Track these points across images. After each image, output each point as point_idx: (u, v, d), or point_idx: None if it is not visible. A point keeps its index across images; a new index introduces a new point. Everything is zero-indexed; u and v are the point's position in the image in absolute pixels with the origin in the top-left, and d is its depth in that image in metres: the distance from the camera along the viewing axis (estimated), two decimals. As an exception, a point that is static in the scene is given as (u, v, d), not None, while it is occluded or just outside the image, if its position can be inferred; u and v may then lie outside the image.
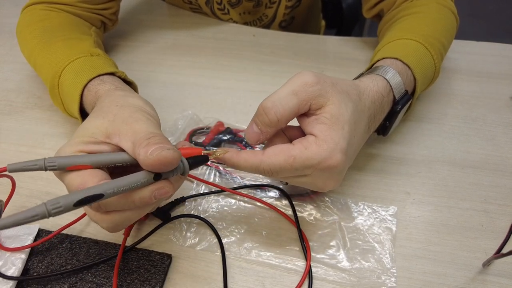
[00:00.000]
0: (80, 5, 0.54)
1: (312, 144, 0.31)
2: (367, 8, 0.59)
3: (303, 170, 0.32)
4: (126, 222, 0.31)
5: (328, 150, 0.31)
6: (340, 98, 0.33)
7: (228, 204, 0.43)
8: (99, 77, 0.42)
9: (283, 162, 0.31)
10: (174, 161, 0.28)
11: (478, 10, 2.07)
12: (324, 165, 0.31)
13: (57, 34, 0.49)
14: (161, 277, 0.36)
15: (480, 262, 0.37)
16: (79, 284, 0.36)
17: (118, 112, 0.32)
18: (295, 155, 0.31)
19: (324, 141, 0.31)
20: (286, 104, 0.32)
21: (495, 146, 0.48)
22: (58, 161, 0.28)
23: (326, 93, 0.32)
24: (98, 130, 0.31)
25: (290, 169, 0.31)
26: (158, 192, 0.29)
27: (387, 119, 0.42)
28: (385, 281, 0.36)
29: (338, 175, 0.34)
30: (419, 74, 0.43)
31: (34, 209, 0.24)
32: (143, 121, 0.31)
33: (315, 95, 0.32)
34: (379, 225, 0.40)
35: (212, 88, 0.57)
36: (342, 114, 0.32)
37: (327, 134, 0.31)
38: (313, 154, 0.31)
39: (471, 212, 0.42)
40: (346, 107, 0.33)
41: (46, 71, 0.46)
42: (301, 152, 0.31)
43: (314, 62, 0.61)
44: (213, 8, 0.69)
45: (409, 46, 0.45)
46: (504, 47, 0.63)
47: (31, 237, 0.39)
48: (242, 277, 0.37)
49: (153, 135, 0.29)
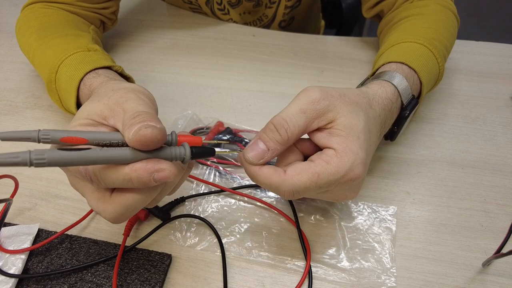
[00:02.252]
0: (80, 4, 0.54)
1: (333, 158, 0.30)
2: (367, 8, 0.59)
3: (328, 187, 0.31)
4: (130, 211, 0.29)
5: (349, 161, 0.30)
6: (351, 109, 0.32)
7: (228, 204, 0.43)
8: (94, 71, 0.42)
9: (307, 180, 0.30)
10: (154, 138, 0.26)
11: (478, 10, 2.07)
12: (347, 178, 0.30)
13: (55, 30, 0.49)
14: (161, 277, 0.36)
15: (480, 262, 0.37)
16: (79, 284, 0.36)
17: (112, 95, 0.31)
18: (319, 172, 0.30)
19: (345, 153, 0.30)
20: (296, 122, 0.31)
21: (495, 146, 0.48)
22: (53, 134, 0.26)
23: (335, 107, 0.31)
24: (93, 112, 0.30)
25: (315, 187, 0.30)
26: (157, 175, 0.27)
27: (396, 125, 0.41)
28: (385, 281, 0.36)
29: (358, 186, 0.33)
30: (425, 78, 0.43)
31: (18, 153, 0.23)
32: (133, 99, 0.30)
33: (323, 111, 0.31)
34: (379, 225, 0.40)
35: (212, 88, 0.57)
36: (356, 124, 0.31)
37: (345, 146, 0.30)
38: (337, 168, 0.30)
39: (471, 212, 0.42)
40: (358, 117, 0.32)
41: (44, 67, 0.46)
42: (324, 168, 0.30)
43: (313, 62, 0.61)
44: (213, 8, 0.69)
45: (414, 50, 0.45)
46: (504, 47, 0.63)
47: (31, 237, 0.39)
48: (242, 277, 0.37)
49: (138, 114, 0.28)
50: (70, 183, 0.31)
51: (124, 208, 0.28)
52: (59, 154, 0.25)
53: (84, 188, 0.30)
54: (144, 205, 0.30)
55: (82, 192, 0.30)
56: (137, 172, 0.26)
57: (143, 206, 0.30)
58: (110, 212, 0.28)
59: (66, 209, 0.42)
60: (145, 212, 0.41)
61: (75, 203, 0.43)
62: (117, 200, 0.28)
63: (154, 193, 0.30)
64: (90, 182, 0.28)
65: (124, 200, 0.28)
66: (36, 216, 0.42)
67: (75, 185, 0.31)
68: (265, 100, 0.55)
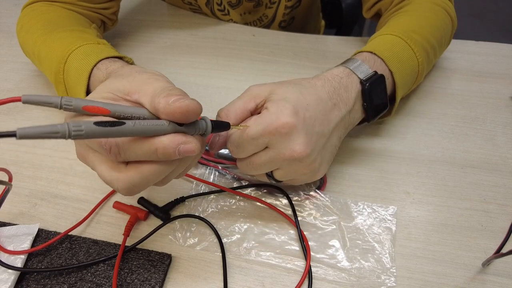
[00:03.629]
0: (81, 3, 0.54)
1: (262, 113, 0.34)
2: (366, 8, 0.59)
3: (259, 138, 0.33)
4: (144, 182, 0.28)
5: (276, 112, 0.33)
6: (279, 85, 0.36)
7: (228, 204, 0.43)
8: (110, 58, 0.42)
9: (241, 133, 0.34)
10: (196, 110, 0.27)
11: (478, 10, 2.07)
12: (275, 125, 0.33)
13: (61, 25, 0.49)
14: (161, 277, 0.36)
15: (479, 262, 0.37)
16: (79, 284, 0.36)
17: (138, 75, 0.31)
18: (251, 124, 0.33)
19: (271, 108, 0.34)
20: (233, 106, 0.36)
21: (495, 146, 0.48)
22: (75, 101, 0.26)
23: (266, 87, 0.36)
24: (116, 88, 0.30)
25: (250, 140, 0.33)
26: (183, 147, 0.27)
27: (364, 101, 0.41)
28: (385, 281, 0.36)
29: (301, 136, 0.34)
30: (395, 66, 0.43)
31: (56, 125, 0.23)
32: (164, 80, 0.30)
33: (255, 94, 0.36)
34: (378, 224, 0.40)
35: (212, 88, 0.57)
36: (283, 92, 0.35)
37: (273, 104, 0.34)
38: (263, 118, 0.33)
39: (471, 212, 0.42)
40: (286, 88, 0.36)
41: (51, 58, 0.46)
42: (255, 120, 0.34)
43: (313, 62, 0.61)
44: (213, 9, 0.69)
45: (385, 40, 0.46)
46: (504, 47, 0.63)
47: (31, 238, 0.39)
48: (242, 277, 0.37)
49: (173, 88, 0.29)
50: (78, 154, 0.30)
51: (140, 178, 0.28)
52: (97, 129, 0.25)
53: (96, 158, 0.29)
54: (159, 179, 0.29)
55: (92, 163, 0.29)
56: (164, 143, 0.26)
57: (157, 180, 0.29)
58: (125, 180, 0.28)
59: (66, 209, 0.42)
60: (145, 212, 0.41)
61: (75, 203, 0.43)
62: (134, 169, 0.28)
63: (170, 168, 0.29)
64: (107, 153, 0.27)
65: (141, 169, 0.28)
66: (36, 216, 0.42)
67: (85, 157, 0.30)
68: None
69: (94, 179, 0.45)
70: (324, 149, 0.37)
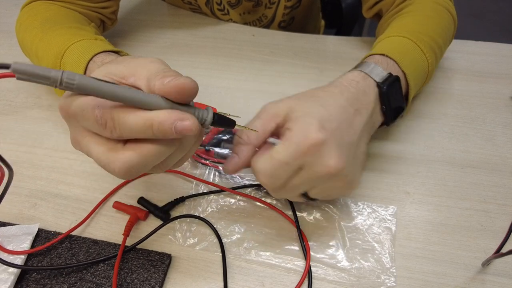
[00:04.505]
0: (80, 2, 0.54)
1: (288, 134, 0.33)
2: (367, 8, 0.59)
3: (293, 162, 0.32)
4: (142, 164, 0.27)
5: (302, 130, 0.32)
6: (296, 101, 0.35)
7: (228, 204, 0.43)
8: (105, 52, 0.42)
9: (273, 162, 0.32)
10: (192, 88, 0.26)
11: (478, 10, 2.07)
12: (306, 144, 0.32)
13: (59, 22, 0.49)
14: (160, 277, 0.36)
15: (479, 262, 0.37)
16: (79, 284, 0.36)
17: (132, 60, 0.30)
18: (280, 151, 0.32)
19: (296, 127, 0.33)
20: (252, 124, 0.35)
21: (495, 145, 0.48)
22: (79, 81, 0.24)
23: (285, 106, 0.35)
24: (111, 72, 0.29)
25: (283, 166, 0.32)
26: (180, 123, 0.26)
27: (383, 104, 0.40)
28: (385, 281, 0.36)
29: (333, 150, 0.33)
30: (407, 67, 0.43)
31: (50, 70, 0.22)
32: (159, 63, 0.30)
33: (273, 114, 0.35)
34: (378, 224, 0.40)
35: (212, 88, 0.57)
36: (303, 108, 0.34)
37: (297, 123, 0.33)
38: (291, 140, 0.32)
39: (471, 212, 0.42)
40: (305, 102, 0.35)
41: (48, 54, 0.46)
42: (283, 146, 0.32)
43: (313, 62, 0.61)
44: (212, 9, 0.69)
45: (394, 41, 0.46)
46: (504, 47, 0.63)
47: (31, 237, 0.39)
48: (242, 277, 0.37)
49: (168, 70, 0.28)
50: (73, 140, 0.29)
51: (138, 158, 0.27)
52: (90, 80, 0.24)
53: (91, 141, 0.28)
54: (158, 161, 0.28)
55: (87, 147, 0.28)
56: (160, 117, 0.25)
57: (156, 162, 0.28)
58: (122, 161, 0.26)
59: (66, 209, 0.42)
60: (145, 212, 0.41)
61: (75, 203, 0.43)
62: (132, 149, 0.27)
63: (170, 149, 0.28)
64: (103, 127, 0.26)
65: (139, 149, 0.27)
66: (36, 216, 0.42)
67: (79, 141, 0.29)
68: (264, 100, 0.54)
69: (94, 179, 0.45)
70: (355, 158, 0.35)
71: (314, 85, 0.56)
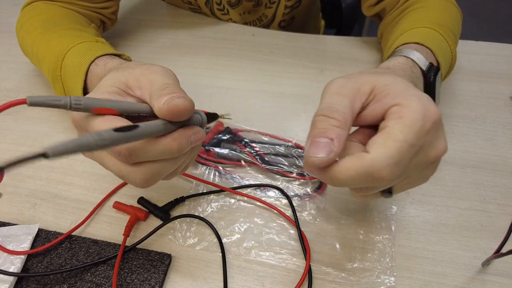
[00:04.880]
0: (80, 3, 0.54)
1: (402, 109, 0.26)
2: (368, 6, 0.59)
3: (419, 140, 0.25)
4: (162, 172, 0.29)
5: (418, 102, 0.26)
6: (379, 75, 0.29)
7: (228, 204, 0.43)
8: (108, 55, 0.42)
9: (397, 144, 0.25)
10: (185, 109, 0.27)
11: (478, 10, 2.07)
12: (429, 119, 0.26)
13: (59, 23, 0.49)
14: (160, 277, 0.36)
15: (479, 262, 0.37)
16: (79, 284, 0.36)
17: (136, 67, 0.31)
18: (401, 130, 0.25)
19: (408, 99, 0.26)
20: (340, 103, 0.27)
21: (495, 145, 0.48)
22: (85, 101, 0.26)
23: (364, 80, 0.28)
24: (118, 80, 0.30)
25: (409, 148, 0.25)
26: (193, 137, 0.29)
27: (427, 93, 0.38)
28: (385, 281, 0.36)
29: (442, 130, 0.28)
30: (441, 56, 0.42)
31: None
32: (159, 72, 0.31)
33: (356, 88, 0.28)
34: (378, 224, 0.40)
35: (212, 88, 0.57)
36: (393, 78, 0.28)
37: (402, 94, 0.27)
38: (413, 114, 0.25)
39: (471, 212, 0.42)
40: (389, 75, 0.29)
41: (49, 56, 0.46)
42: (402, 123, 0.25)
43: (313, 62, 0.61)
44: (212, 9, 0.69)
45: (423, 32, 0.45)
46: (504, 47, 0.63)
47: (31, 237, 0.39)
48: (242, 277, 0.37)
49: (166, 85, 0.29)
50: None
51: (157, 168, 0.29)
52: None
53: (105, 155, 0.29)
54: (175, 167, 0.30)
55: (101, 158, 0.29)
56: (177, 140, 0.28)
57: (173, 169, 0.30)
58: (143, 172, 0.28)
59: (66, 209, 0.42)
60: (145, 212, 0.41)
61: (75, 203, 0.43)
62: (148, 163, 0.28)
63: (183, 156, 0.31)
64: (116, 155, 0.27)
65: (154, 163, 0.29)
66: (36, 216, 0.42)
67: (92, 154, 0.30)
68: (264, 100, 0.55)
69: (94, 179, 0.45)
70: None
71: (314, 85, 0.57)
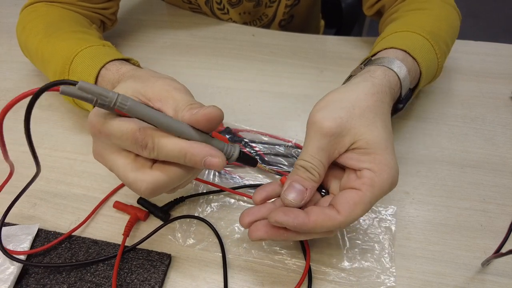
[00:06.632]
0: (80, 3, 0.54)
1: (374, 179, 0.31)
2: (368, 6, 0.59)
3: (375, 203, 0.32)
4: (168, 185, 0.29)
5: (389, 177, 0.31)
6: (366, 122, 0.32)
7: (228, 204, 0.43)
8: (119, 60, 0.42)
9: (363, 211, 0.31)
10: (218, 116, 0.28)
11: (478, 10, 2.07)
12: (389, 191, 0.32)
13: (62, 26, 0.49)
14: (160, 277, 0.36)
15: (479, 262, 0.37)
16: (79, 284, 0.36)
17: (156, 81, 0.32)
18: (370, 198, 0.31)
19: (382, 170, 0.31)
20: (319, 160, 0.32)
21: (494, 145, 0.48)
22: (130, 103, 0.27)
23: (349, 129, 0.32)
24: (138, 92, 0.31)
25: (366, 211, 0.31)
26: (209, 159, 0.28)
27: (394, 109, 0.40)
28: (385, 281, 0.36)
29: None
30: (425, 71, 0.42)
31: (108, 91, 0.26)
32: (182, 91, 0.31)
33: (339, 140, 0.32)
34: (378, 224, 0.40)
35: (212, 88, 0.57)
36: (377, 135, 0.32)
37: (379, 162, 0.31)
38: (381, 188, 0.31)
39: (470, 212, 0.42)
40: (376, 126, 0.33)
41: (56, 58, 0.46)
42: (372, 192, 0.31)
43: (313, 62, 0.61)
44: (212, 8, 0.69)
45: (416, 40, 0.44)
46: (504, 47, 0.63)
47: (30, 237, 0.39)
48: (242, 277, 0.37)
49: (193, 102, 0.30)
50: (95, 152, 0.31)
51: (165, 179, 0.29)
52: (141, 107, 0.27)
53: (118, 158, 0.29)
54: (179, 183, 0.31)
55: (111, 162, 0.30)
56: (195, 149, 0.28)
57: (177, 184, 0.31)
58: (149, 181, 0.28)
59: (66, 209, 0.42)
60: (145, 212, 0.41)
61: (75, 203, 0.43)
62: (160, 169, 0.29)
63: (190, 174, 0.31)
64: (142, 148, 0.28)
65: (168, 170, 0.29)
66: (35, 216, 0.42)
67: (103, 156, 0.30)
68: (264, 100, 0.55)
69: (94, 179, 0.45)
70: None
71: (314, 85, 0.57)
